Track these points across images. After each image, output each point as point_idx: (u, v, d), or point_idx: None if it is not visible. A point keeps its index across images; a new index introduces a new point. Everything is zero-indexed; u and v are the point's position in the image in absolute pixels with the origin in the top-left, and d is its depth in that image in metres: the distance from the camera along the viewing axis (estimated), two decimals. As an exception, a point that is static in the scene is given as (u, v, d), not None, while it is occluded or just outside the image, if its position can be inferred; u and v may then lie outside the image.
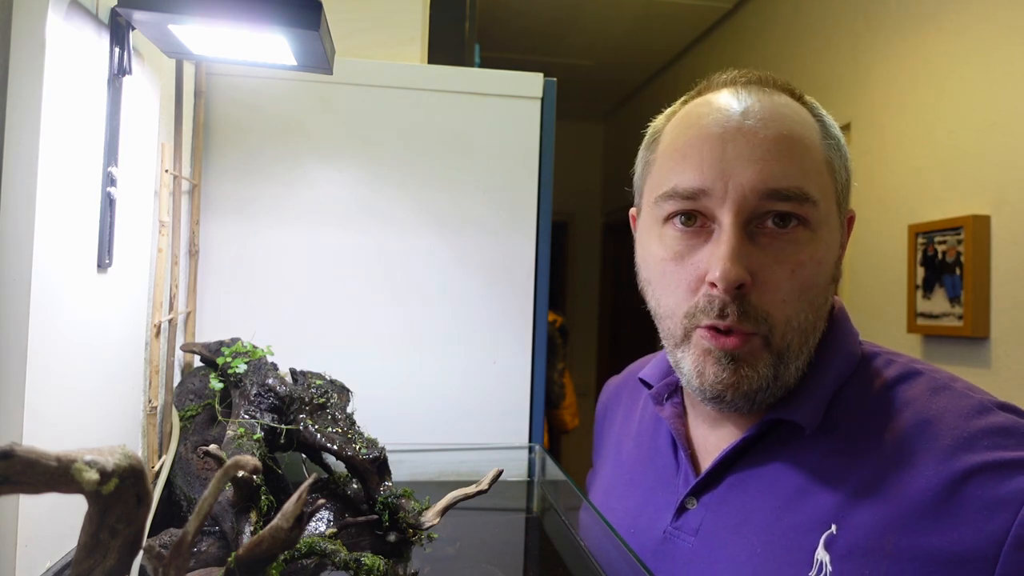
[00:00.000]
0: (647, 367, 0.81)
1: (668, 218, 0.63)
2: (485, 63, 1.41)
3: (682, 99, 0.70)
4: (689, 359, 0.62)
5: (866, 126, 2.29)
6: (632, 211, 0.76)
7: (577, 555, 0.74)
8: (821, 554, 0.56)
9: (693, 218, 0.61)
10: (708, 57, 3.63)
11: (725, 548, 0.62)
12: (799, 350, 0.61)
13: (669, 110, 0.70)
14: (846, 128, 2.39)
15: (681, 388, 0.76)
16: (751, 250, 0.59)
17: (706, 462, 0.69)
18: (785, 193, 0.58)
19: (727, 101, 0.63)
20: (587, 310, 5.20)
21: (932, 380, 0.62)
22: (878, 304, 2.16)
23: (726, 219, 0.59)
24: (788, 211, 0.59)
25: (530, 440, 1.04)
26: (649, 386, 0.78)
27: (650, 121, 0.72)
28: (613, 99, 4.85)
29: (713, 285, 0.59)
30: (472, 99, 1.03)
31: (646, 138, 0.71)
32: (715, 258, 0.58)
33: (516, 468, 1.01)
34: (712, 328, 0.60)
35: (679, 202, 0.61)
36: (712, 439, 0.69)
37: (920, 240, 1.95)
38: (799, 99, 0.65)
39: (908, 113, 2.08)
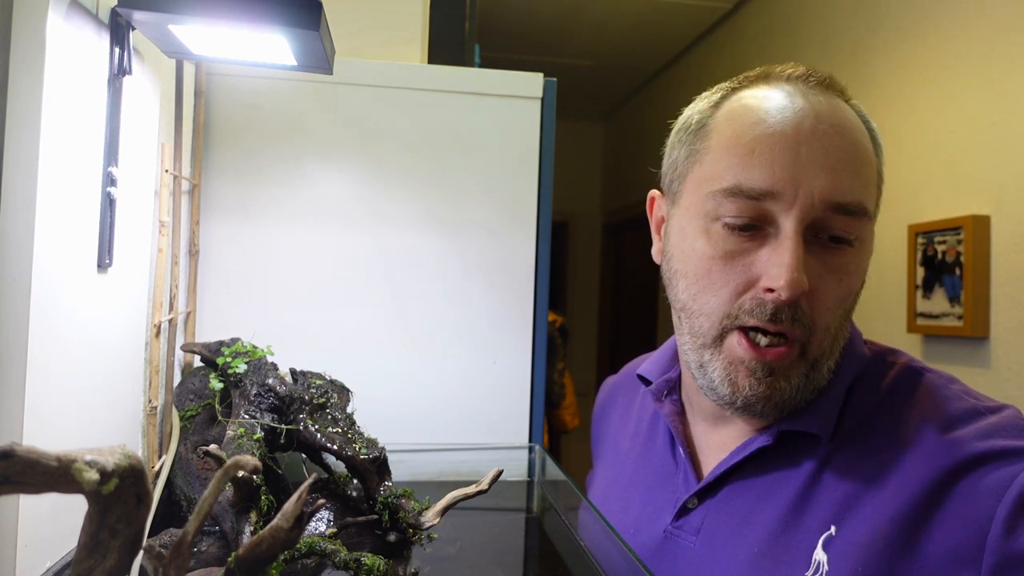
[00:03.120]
0: (646, 363, 0.80)
1: (721, 215, 0.59)
2: (485, 63, 1.41)
3: (727, 86, 0.65)
4: (720, 366, 0.60)
5: (866, 126, 2.29)
6: (653, 193, 0.72)
7: (577, 555, 0.73)
8: (819, 555, 0.57)
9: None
10: (708, 57, 3.63)
11: (726, 549, 0.62)
12: (829, 353, 0.61)
13: (712, 96, 0.65)
14: (846, 128, 2.39)
15: (680, 385, 0.74)
16: (807, 259, 0.57)
17: (706, 461, 0.69)
18: (849, 207, 0.57)
19: (796, 100, 0.59)
20: (587, 310, 5.20)
21: (930, 383, 0.62)
22: (878, 304, 2.16)
23: (789, 225, 0.56)
24: (847, 225, 0.58)
25: (530, 440, 1.04)
26: (647, 382, 0.77)
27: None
28: (613, 99, 4.85)
29: (769, 290, 0.57)
30: (472, 99, 1.03)
31: (686, 123, 0.66)
32: (778, 265, 0.56)
33: (516, 468, 1.01)
34: (755, 330, 0.58)
35: (742, 201, 0.58)
36: (715, 437, 0.69)
37: (920, 240, 1.95)
38: (848, 102, 0.63)
39: (908, 113, 2.08)
